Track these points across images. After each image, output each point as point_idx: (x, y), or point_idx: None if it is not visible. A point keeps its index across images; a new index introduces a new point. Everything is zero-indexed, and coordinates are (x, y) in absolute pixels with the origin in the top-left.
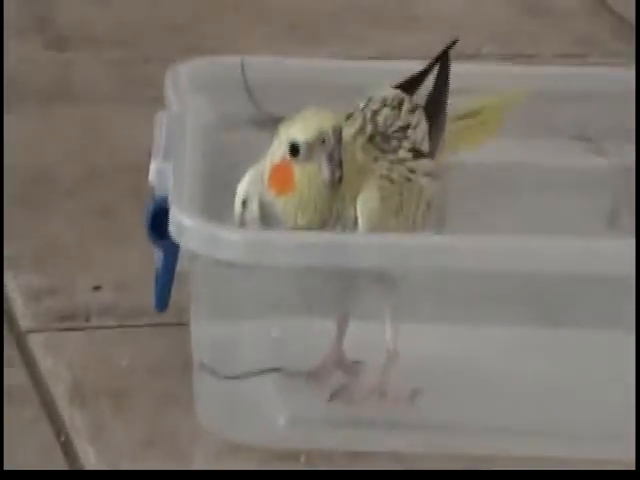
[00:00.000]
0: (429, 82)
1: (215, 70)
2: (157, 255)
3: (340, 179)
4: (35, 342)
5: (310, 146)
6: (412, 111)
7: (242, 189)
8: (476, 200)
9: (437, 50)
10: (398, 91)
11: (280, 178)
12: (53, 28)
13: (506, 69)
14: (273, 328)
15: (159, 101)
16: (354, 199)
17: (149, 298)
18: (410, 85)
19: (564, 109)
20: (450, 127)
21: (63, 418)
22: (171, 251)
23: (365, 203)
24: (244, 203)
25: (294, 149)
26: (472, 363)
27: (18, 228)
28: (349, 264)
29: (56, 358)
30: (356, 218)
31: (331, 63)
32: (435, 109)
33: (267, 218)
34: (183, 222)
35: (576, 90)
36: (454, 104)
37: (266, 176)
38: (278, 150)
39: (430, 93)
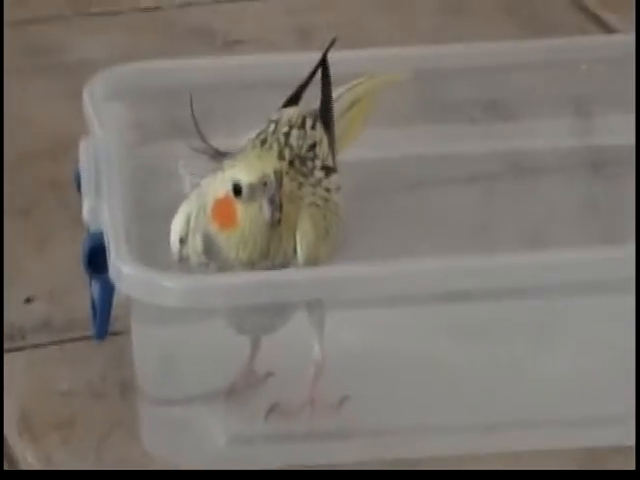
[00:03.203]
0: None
1: (129, 78)
2: (93, 286)
3: (279, 220)
4: None
5: (253, 188)
6: (313, 127)
7: (177, 227)
8: (378, 198)
9: None
10: (297, 108)
11: (223, 213)
12: None
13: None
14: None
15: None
16: (291, 229)
17: (80, 308)
18: (297, 96)
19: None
20: (337, 126)
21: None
22: (109, 284)
23: (303, 237)
24: (181, 240)
25: (237, 189)
26: (397, 360)
27: None
28: (287, 299)
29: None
30: (295, 248)
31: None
32: (327, 118)
33: (211, 249)
34: (122, 269)
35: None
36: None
37: (209, 209)
38: (221, 186)
39: (321, 102)
